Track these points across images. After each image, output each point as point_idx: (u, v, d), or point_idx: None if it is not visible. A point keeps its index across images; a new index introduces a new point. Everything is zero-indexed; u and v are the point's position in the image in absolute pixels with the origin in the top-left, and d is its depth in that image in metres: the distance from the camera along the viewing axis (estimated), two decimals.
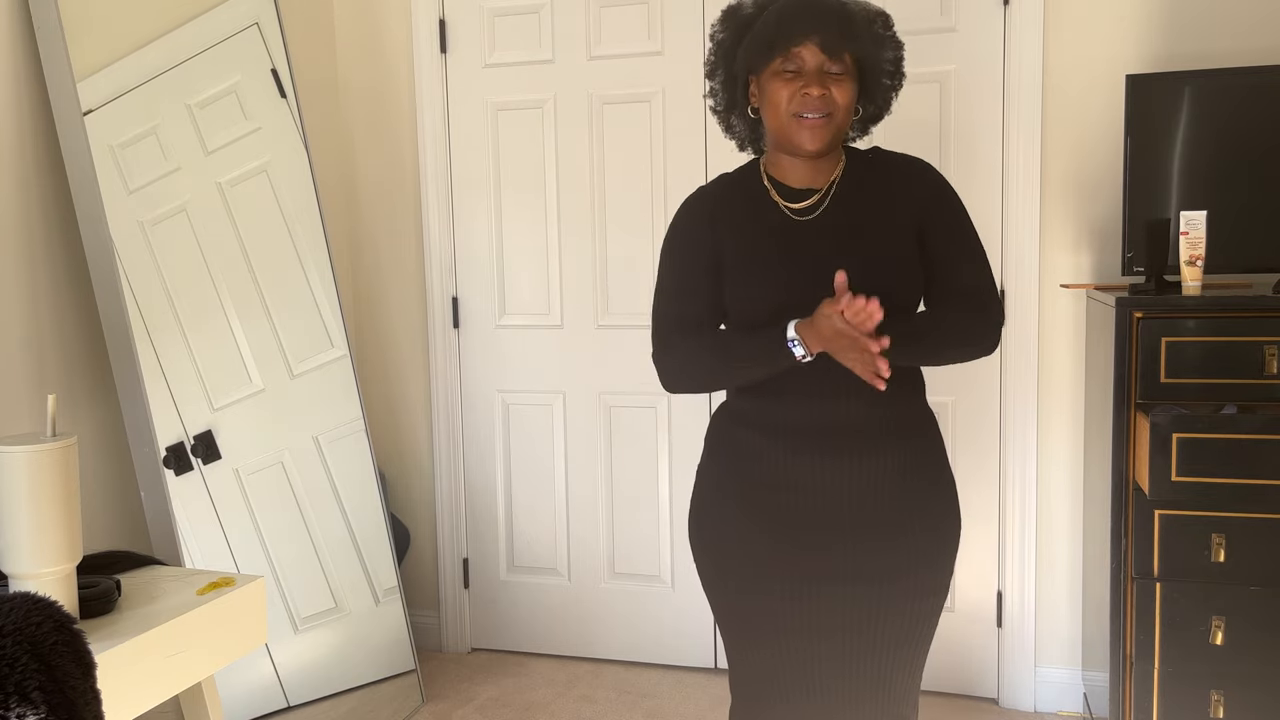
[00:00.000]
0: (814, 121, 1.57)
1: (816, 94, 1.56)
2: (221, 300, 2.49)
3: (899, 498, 1.62)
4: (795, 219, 1.64)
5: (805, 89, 1.56)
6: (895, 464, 1.61)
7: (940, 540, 1.66)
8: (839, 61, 1.57)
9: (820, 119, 1.57)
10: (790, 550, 1.61)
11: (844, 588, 1.61)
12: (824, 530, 1.60)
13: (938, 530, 1.66)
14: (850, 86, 1.58)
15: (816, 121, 1.57)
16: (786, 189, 1.66)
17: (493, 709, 2.95)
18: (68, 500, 1.50)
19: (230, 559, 2.42)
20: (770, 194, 1.66)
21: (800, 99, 1.56)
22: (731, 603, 1.68)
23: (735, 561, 1.66)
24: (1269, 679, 2.15)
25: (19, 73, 2.17)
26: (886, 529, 1.61)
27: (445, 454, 3.29)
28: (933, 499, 1.66)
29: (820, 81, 1.56)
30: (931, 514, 1.65)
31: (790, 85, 1.57)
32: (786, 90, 1.57)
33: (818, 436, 1.60)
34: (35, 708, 1.25)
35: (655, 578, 3.19)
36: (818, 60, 1.56)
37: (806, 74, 1.56)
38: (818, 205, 1.64)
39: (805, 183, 1.64)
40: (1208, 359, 2.15)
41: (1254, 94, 2.37)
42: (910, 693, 1.68)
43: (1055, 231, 2.76)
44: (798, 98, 1.56)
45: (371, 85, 3.24)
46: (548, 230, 3.16)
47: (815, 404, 1.59)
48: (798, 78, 1.57)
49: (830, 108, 1.57)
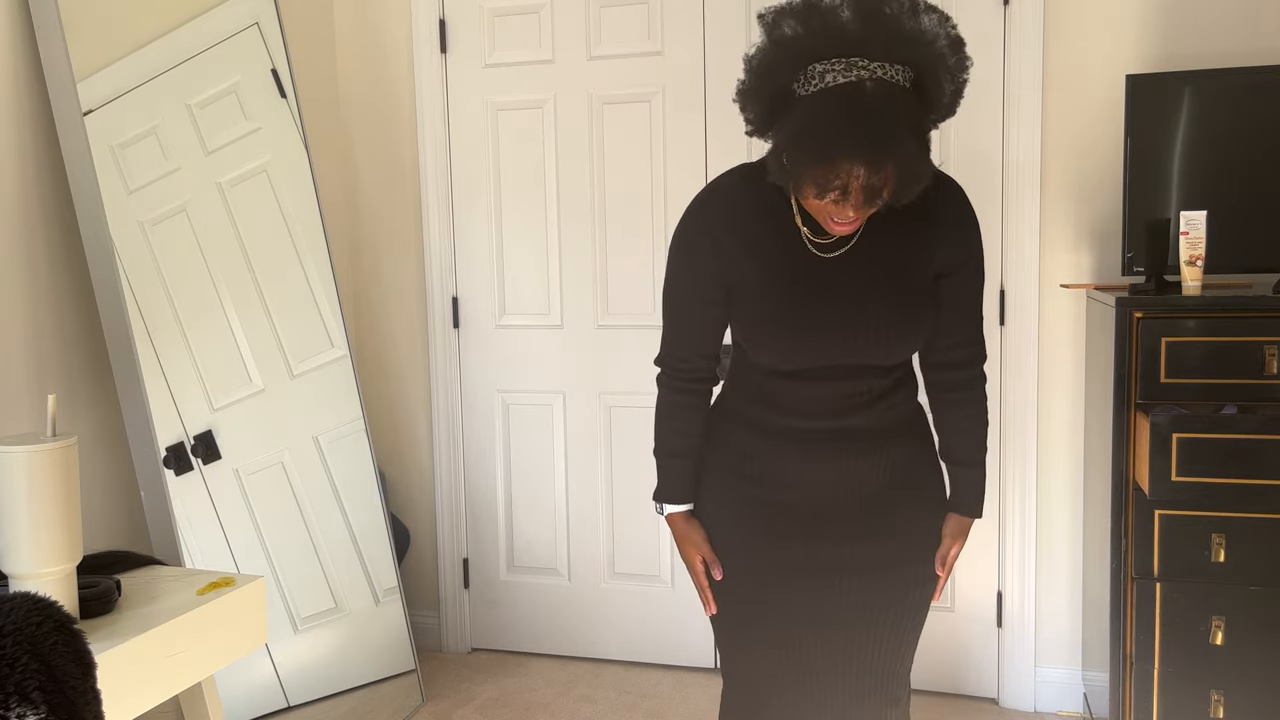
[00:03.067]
0: (844, 230, 1.46)
1: (854, 215, 1.42)
2: (221, 300, 2.49)
3: (892, 493, 1.63)
4: (819, 255, 1.54)
5: (842, 208, 1.40)
6: (889, 461, 1.62)
7: (932, 532, 1.69)
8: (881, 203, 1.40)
9: (851, 226, 1.45)
10: (785, 546, 1.62)
11: (840, 581, 1.62)
12: (819, 526, 1.61)
13: (931, 521, 1.68)
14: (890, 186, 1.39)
15: (851, 225, 1.45)
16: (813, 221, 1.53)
17: (493, 709, 2.95)
18: (68, 500, 1.50)
19: (230, 559, 2.42)
20: (796, 220, 1.54)
21: (837, 211, 1.42)
22: (727, 600, 1.69)
23: (730, 559, 1.67)
24: (1269, 679, 2.15)
25: (19, 73, 2.16)
26: (881, 523, 1.62)
27: (445, 454, 3.29)
28: (925, 493, 1.68)
29: (857, 208, 1.40)
30: (924, 507, 1.68)
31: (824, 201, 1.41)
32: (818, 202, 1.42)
33: (813, 435, 1.60)
34: (35, 708, 1.25)
35: (655, 578, 3.19)
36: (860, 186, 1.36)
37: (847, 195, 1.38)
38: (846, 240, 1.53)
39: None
40: (1208, 359, 2.15)
41: (1254, 94, 2.37)
42: (904, 675, 1.70)
43: (1055, 231, 2.76)
44: (832, 208, 1.41)
45: (371, 85, 3.24)
46: (548, 230, 3.16)
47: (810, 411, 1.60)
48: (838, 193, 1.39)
49: (866, 218, 1.46)
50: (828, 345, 1.54)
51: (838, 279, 1.54)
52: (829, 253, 1.54)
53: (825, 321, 1.53)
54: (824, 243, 1.54)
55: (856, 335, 1.53)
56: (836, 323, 1.53)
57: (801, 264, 1.54)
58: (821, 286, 1.53)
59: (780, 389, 1.60)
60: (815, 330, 1.54)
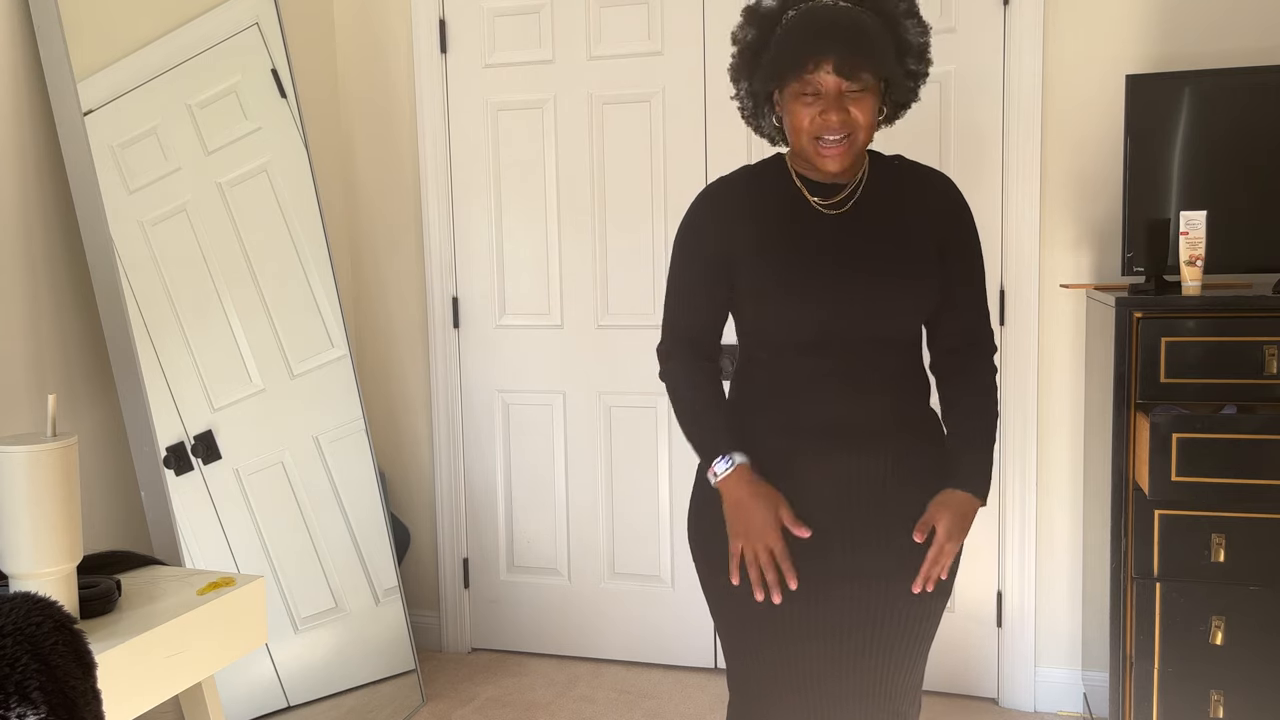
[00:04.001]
0: (835, 146, 1.55)
1: (836, 120, 1.53)
2: (221, 300, 2.49)
3: (899, 498, 1.62)
4: (826, 212, 1.63)
5: (824, 113, 1.53)
6: (896, 465, 1.61)
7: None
8: (857, 79, 1.53)
9: (841, 142, 1.55)
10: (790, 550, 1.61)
11: (845, 587, 1.60)
12: (824, 530, 1.60)
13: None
14: (871, 102, 1.55)
15: (838, 146, 1.55)
16: (813, 184, 1.65)
17: (493, 709, 2.95)
18: (68, 500, 1.50)
19: (230, 559, 2.42)
20: (799, 187, 1.64)
21: (820, 121, 1.54)
22: (731, 604, 1.68)
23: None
24: (1269, 679, 2.15)
25: (19, 73, 2.17)
26: (886, 529, 1.61)
27: (445, 454, 3.29)
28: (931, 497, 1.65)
29: (839, 105, 1.53)
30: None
31: (809, 109, 1.54)
32: (806, 114, 1.55)
33: (820, 437, 1.60)
34: (35, 708, 1.25)
35: (655, 578, 3.19)
36: (835, 83, 1.52)
37: (825, 97, 1.53)
38: (847, 199, 1.64)
39: (832, 179, 1.63)
40: (1207, 359, 2.15)
41: (1254, 94, 2.37)
42: (910, 690, 1.68)
43: (1055, 231, 2.76)
44: (817, 121, 1.54)
45: (371, 85, 3.24)
46: (548, 230, 3.16)
47: (818, 405, 1.60)
48: (817, 100, 1.54)
49: (851, 128, 1.54)
50: (828, 303, 1.57)
51: (838, 236, 1.61)
52: (835, 210, 1.63)
53: (826, 277, 1.58)
54: (827, 203, 1.63)
55: (856, 291, 1.57)
56: (837, 276, 1.58)
57: (803, 220, 1.63)
58: (823, 242, 1.61)
59: (784, 375, 1.60)
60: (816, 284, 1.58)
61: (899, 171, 1.69)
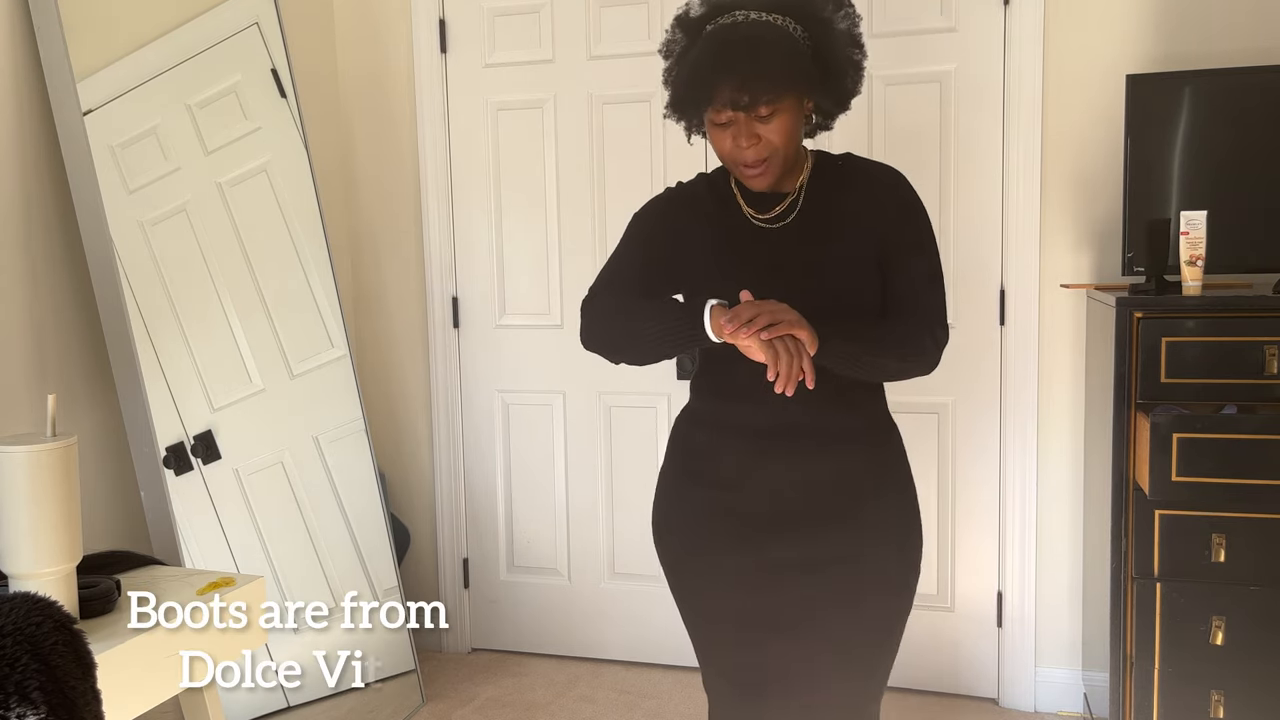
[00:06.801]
0: (755, 169, 1.54)
1: (748, 147, 1.51)
2: (221, 300, 2.49)
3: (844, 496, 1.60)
4: (760, 225, 1.62)
5: (736, 140, 1.51)
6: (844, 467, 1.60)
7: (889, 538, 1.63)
8: (766, 103, 1.48)
9: (760, 166, 1.53)
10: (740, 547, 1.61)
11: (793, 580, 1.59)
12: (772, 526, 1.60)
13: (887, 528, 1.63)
14: (786, 120, 1.51)
15: (758, 168, 1.54)
16: (753, 195, 1.63)
17: (493, 709, 2.95)
18: (68, 500, 1.50)
19: (230, 559, 2.42)
20: (736, 198, 1.64)
21: (734, 149, 1.53)
22: (691, 601, 1.70)
23: (692, 561, 1.67)
24: (1269, 679, 2.15)
25: (19, 73, 2.16)
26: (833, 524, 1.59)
27: (445, 454, 3.29)
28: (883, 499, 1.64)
29: (749, 132, 1.50)
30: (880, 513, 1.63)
31: (724, 134, 1.52)
32: (720, 142, 1.54)
33: (768, 437, 1.59)
34: (35, 708, 1.25)
35: (655, 578, 3.17)
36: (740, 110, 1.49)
37: (735, 125, 1.50)
38: (786, 212, 1.62)
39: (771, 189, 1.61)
40: (1208, 359, 2.15)
41: (1254, 94, 2.37)
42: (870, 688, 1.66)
43: (1055, 231, 2.76)
44: (732, 148, 1.53)
45: (371, 85, 3.24)
46: (548, 230, 3.16)
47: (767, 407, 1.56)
48: (729, 126, 1.51)
49: (768, 151, 1.52)
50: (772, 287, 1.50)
51: (774, 256, 1.60)
52: (773, 223, 1.62)
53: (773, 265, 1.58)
54: (767, 215, 1.63)
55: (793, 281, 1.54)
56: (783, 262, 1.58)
57: (746, 231, 1.63)
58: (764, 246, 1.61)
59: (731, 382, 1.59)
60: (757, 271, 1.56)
61: (843, 173, 1.65)
